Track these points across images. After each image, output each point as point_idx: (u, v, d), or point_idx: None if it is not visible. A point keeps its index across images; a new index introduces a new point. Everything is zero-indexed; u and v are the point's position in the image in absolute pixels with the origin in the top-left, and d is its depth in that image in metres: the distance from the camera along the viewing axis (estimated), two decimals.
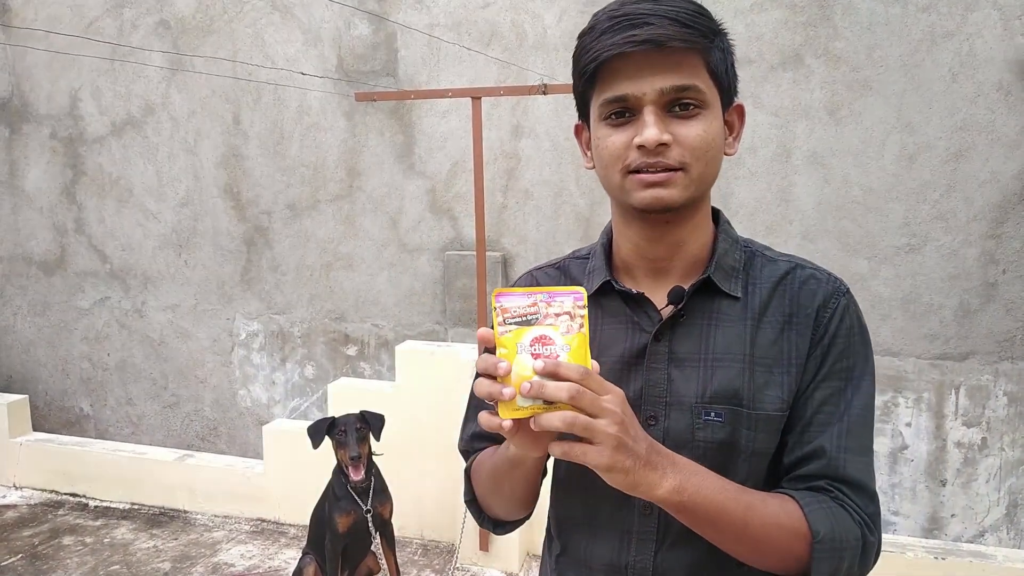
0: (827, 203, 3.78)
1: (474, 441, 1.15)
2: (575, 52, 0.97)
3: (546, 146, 4.11)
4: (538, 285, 1.10)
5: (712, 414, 0.95)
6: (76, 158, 5.01)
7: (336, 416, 2.85)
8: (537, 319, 0.82)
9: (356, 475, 2.74)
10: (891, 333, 3.78)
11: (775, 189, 3.82)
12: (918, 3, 3.56)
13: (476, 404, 1.14)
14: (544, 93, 3.00)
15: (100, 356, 5.15)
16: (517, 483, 1.01)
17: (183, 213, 4.83)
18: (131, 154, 4.88)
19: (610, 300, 1.03)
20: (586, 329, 0.82)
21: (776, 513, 0.89)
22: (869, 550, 0.92)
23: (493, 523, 1.14)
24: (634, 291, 1.01)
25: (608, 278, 1.03)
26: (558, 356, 0.80)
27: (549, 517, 1.12)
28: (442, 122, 4.28)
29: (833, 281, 0.99)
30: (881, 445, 3.86)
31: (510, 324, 0.82)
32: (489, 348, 0.83)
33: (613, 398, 0.79)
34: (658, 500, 0.83)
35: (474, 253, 3.91)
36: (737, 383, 0.96)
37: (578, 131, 1.07)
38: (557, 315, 0.82)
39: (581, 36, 0.96)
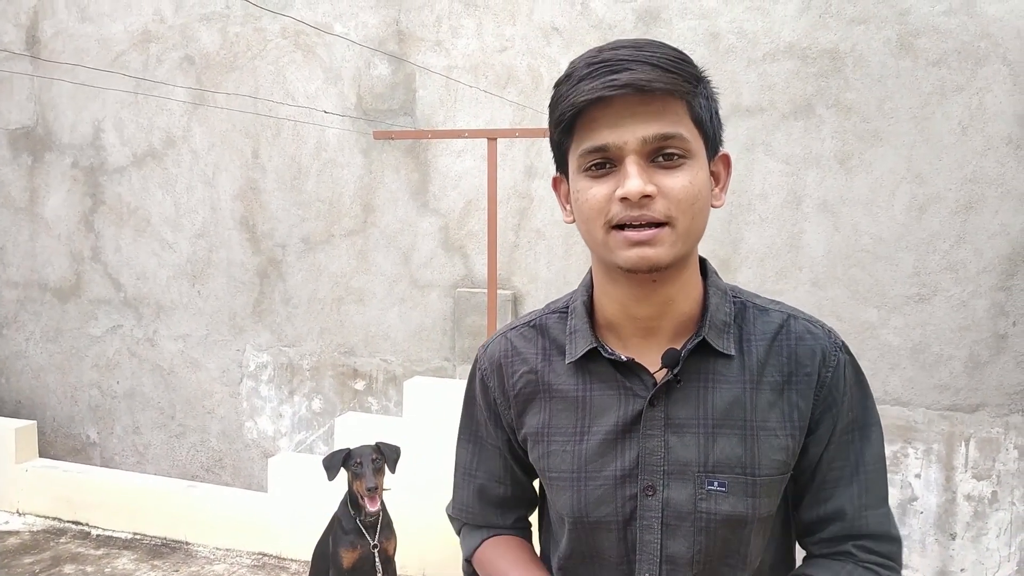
0: (837, 251, 3.80)
1: (466, 512, 1.12)
2: (552, 101, 0.91)
3: None
4: (513, 349, 1.05)
5: (716, 483, 0.92)
6: (96, 187, 5.09)
7: (351, 448, 2.87)
8: None
9: (373, 505, 2.76)
10: (900, 383, 3.76)
11: (785, 236, 3.85)
12: (928, 57, 3.62)
13: (464, 470, 1.12)
14: None
15: (109, 384, 5.17)
16: None
17: (199, 244, 4.88)
18: (150, 185, 4.96)
19: (598, 365, 0.98)
20: None
21: None
22: None
23: None
24: (624, 357, 0.95)
25: (594, 344, 0.97)
26: None
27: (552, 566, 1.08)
28: (457, 161, 4.35)
29: (829, 335, 0.97)
30: (891, 496, 3.80)
31: None
32: None
33: None
34: None
35: (485, 291, 3.94)
36: (739, 449, 0.93)
37: (556, 184, 1.01)
38: None
39: (557, 85, 0.90)
